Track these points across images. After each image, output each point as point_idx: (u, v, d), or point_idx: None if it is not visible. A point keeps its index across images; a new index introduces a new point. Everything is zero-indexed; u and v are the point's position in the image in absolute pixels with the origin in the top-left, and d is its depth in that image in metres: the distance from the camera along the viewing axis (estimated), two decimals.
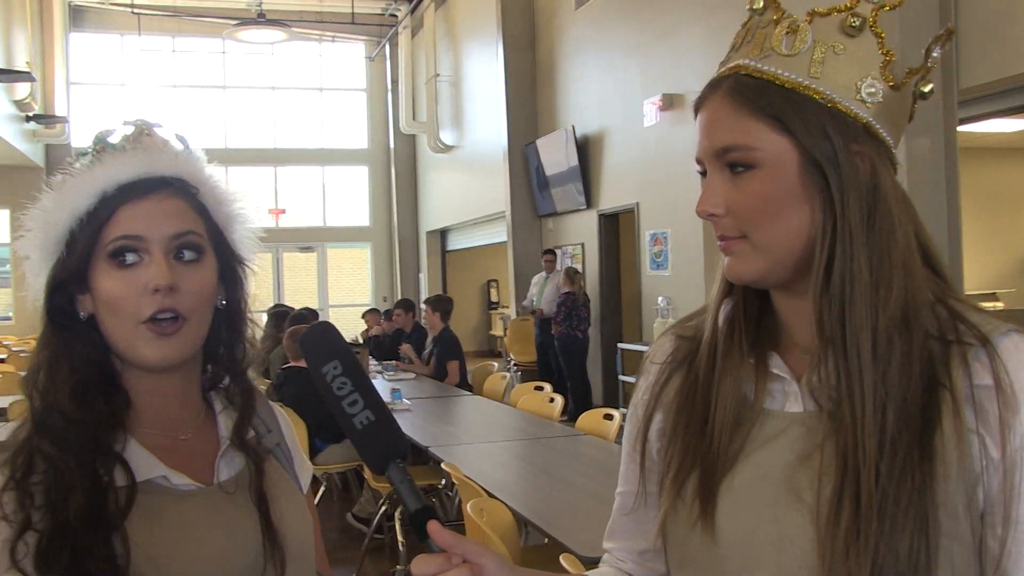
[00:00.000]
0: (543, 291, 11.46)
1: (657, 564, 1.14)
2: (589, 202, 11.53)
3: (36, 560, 1.06)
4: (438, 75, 17.09)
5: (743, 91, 0.97)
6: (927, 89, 1.01)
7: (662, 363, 1.14)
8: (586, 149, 11.53)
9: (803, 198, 0.96)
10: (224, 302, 1.27)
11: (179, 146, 1.30)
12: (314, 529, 1.38)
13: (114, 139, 1.25)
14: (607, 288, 11.43)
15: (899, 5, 0.98)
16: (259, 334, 1.36)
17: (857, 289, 0.93)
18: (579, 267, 11.53)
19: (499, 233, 14.56)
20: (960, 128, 5.91)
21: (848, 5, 0.97)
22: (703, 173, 1.02)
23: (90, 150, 1.23)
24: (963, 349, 0.93)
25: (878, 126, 0.96)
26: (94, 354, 1.18)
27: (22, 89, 14.38)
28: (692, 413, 1.06)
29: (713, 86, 1.01)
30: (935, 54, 1.00)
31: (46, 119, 15.40)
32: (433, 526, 0.90)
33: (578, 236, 12.07)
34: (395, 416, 3.91)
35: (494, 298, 20.05)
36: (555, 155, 12.06)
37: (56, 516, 1.08)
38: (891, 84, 0.96)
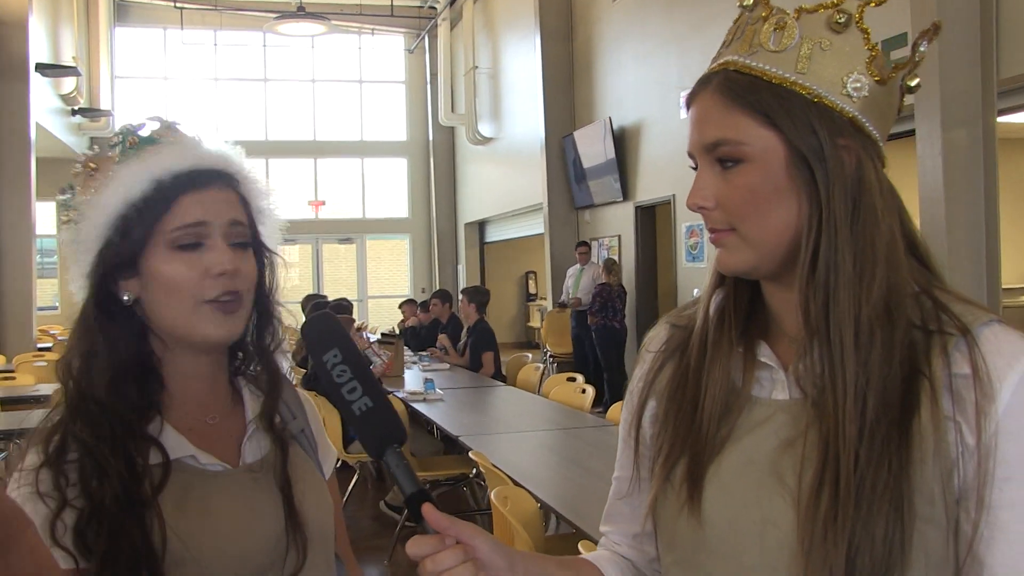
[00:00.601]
0: (579, 283, 11.47)
1: (649, 547, 1.17)
2: (626, 194, 11.51)
3: (75, 539, 1.11)
4: (476, 67, 17.13)
5: (732, 87, 1.00)
6: (914, 83, 1.02)
7: (656, 351, 1.17)
8: (623, 141, 11.51)
9: (790, 191, 0.98)
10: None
11: (216, 141, 1.34)
12: (336, 513, 1.43)
13: (144, 132, 1.30)
14: (643, 280, 11.41)
15: (884, 2, 0.99)
16: (290, 322, 1.40)
17: (841, 280, 0.95)
18: (615, 259, 11.53)
19: (537, 225, 14.58)
20: (999, 119, 5.82)
21: (834, 2, 0.99)
22: (694, 167, 1.04)
23: (120, 141, 1.29)
24: (944, 339, 0.95)
25: (864, 120, 0.98)
26: (134, 337, 1.24)
27: (68, 83, 14.64)
28: (683, 400, 1.09)
29: (703, 82, 1.03)
30: (922, 48, 1.01)
31: (91, 112, 15.69)
32: (427, 508, 0.93)
33: (615, 228, 12.05)
34: (427, 406, 4.01)
35: (532, 290, 20.07)
36: (592, 147, 12.05)
37: (91, 498, 1.13)
38: (877, 79, 0.98)
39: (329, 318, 1.04)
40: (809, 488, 0.94)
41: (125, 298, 1.23)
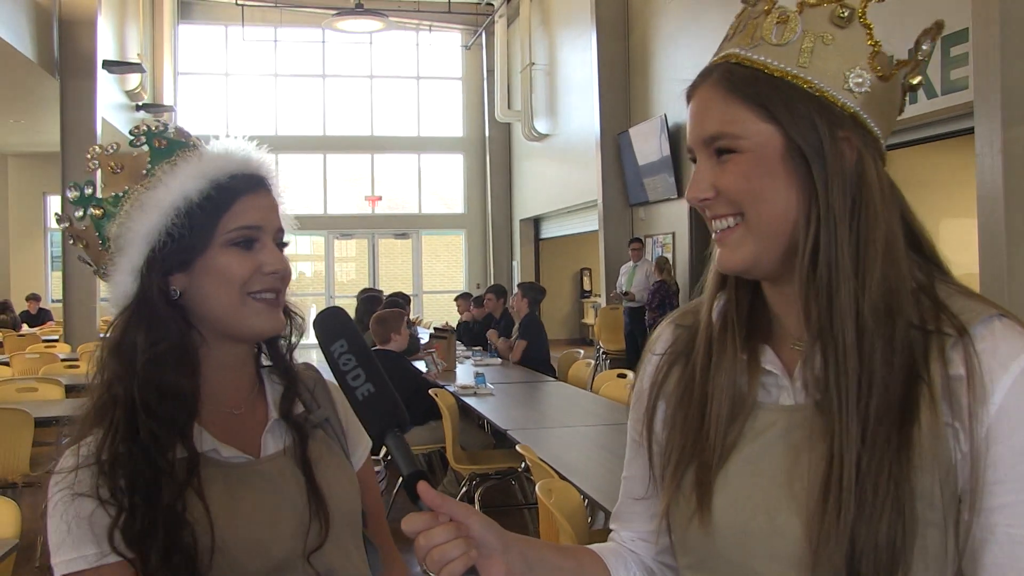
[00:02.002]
0: (632, 279, 11.45)
1: (664, 541, 1.17)
2: (680, 192, 11.44)
3: (133, 537, 1.17)
4: (533, 63, 17.14)
5: (732, 79, 0.99)
6: (915, 82, 1.01)
7: (662, 354, 1.17)
8: (678, 138, 11.44)
9: (784, 180, 0.97)
10: None
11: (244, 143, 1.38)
12: (372, 501, 1.48)
13: (169, 135, 1.34)
14: (696, 277, 11.19)
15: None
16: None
17: (841, 277, 0.95)
18: (669, 256, 11.48)
19: (592, 221, 14.56)
20: None
21: None
22: (694, 160, 1.04)
23: (144, 142, 1.32)
24: (942, 340, 0.94)
25: (866, 116, 0.97)
26: (181, 330, 1.29)
27: (133, 80, 14.98)
28: (690, 407, 1.09)
29: (704, 75, 1.04)
30: (924, 47, 1.00)
31: (154, 108, 16.05)
32: (422, 486, 0.96)
33: (669, 225, 12.00)
34: (478, 400, 4.05)
35: (586, 286, 20.03)
36: (648, 144, 12.00)
37: (137, 496, 1.18)
38: (879, 75, 0.97)
39: (338, 312, 1.10)
40: (815, 494, 0.95)
41: (174, 292, 1.29)
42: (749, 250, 1.00)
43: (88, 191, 1.33)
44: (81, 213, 1.33)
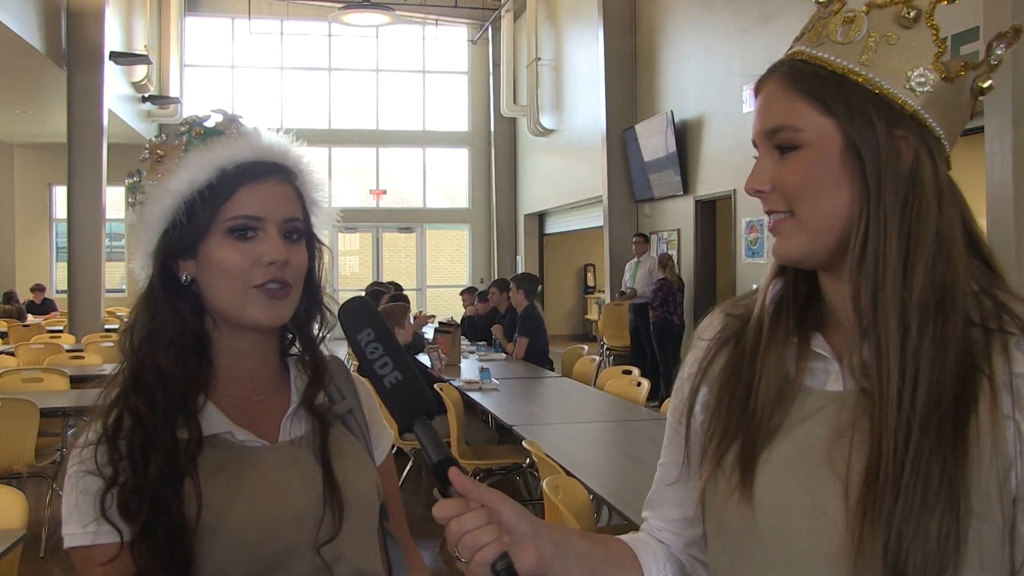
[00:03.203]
0: (635, 275, 11.44)
1: (692, 531, 1.18)
2: (686, 188, 11.44)
3: (119, 510, 1.20)
4: (539, 59, 17.12)
5: (795, 75, 1.02)
6: (986, 85, 1.02)
7: (710, 339, 1.18)
8: (684, 134, 11.43)
9: (843, 178, 0.99)
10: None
11: (276, 134, 1.40)
12: (391, 495, 1.48)
13: (209, 123, 1.37)
14: (701, 275, 11.33)
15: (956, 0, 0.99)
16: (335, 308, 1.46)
17: (888, 270, 0.96)
18: (674, 253, 11.47)
19: (596, 217, 14.55)
20: None
21: None
22: (757, 156, 1.06)
23: (186, 131, 1.36)
24: (1005, 338, 0.95)
25: (927, 116, 0.98)
26: (192, 314, 1.32)
27: (139, 71, 14.98)
28: (736, 387, 1.10)
29: (771, 71, 1.06)
30: (998, 51, 1.00)
31: (160, 100, 16.06)
32: (454, 472, 0.96)
33: (674, 222, 11.98)
34: (483, 395, 4.06)
35: (590, 282, 20.02)
36: (653, 140, 11.98)
37: (136, 470, 1.22)
38: (944, 76, 0.98)
39: (364, 301, 1.10)
40: (859, 478, 0.95)
41: (183, 278, 1.32)
42: (803, 241, 1.02)
43: (137, 179, 1.38)
44: (132, 200, 1.37)
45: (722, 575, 1.10)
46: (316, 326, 1.42)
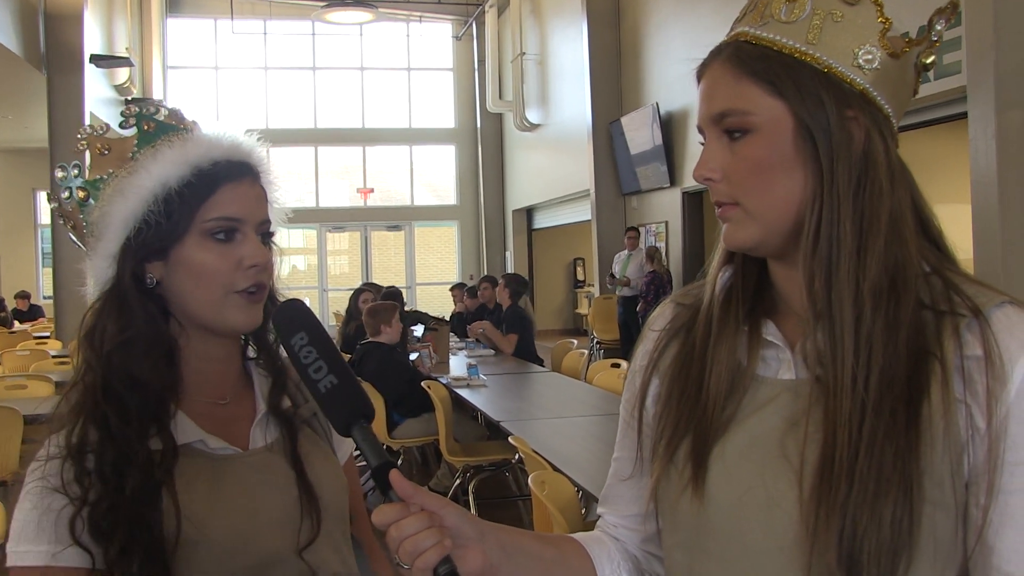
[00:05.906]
0: (626, 268, 11.44)
1: (647, 526, 1.15)
2: (673, 180, 11.43)
3: (91, 531, 1.14)
4: (524, 53, 17.08)
5: (741, 57, 0.99)
6: (929, 61, 1.00)
7: (661, 330, 1.15)
8: (670, 126, 11.42)
9: (796, 163, 0.97)
10: None
11: (239, 133, 1.35)
12: (356, 498, 1.45)
13: (160, 118, 1.31)
14: (690, 266, 11.33)
15: None
16: (337, 309, 1.42)
17: (843, 254, 0.94)
18: (662, 245, 11.47)
19: (584, 211, 14.54)
20: None
21: None
22: (703, 142, 1.03)
23: (135, 124, 1.30)
24: (955, 320, 0.93)
25: (876, 94, 0.97)
26: (158, 319, 1.25)
27: (121, 74, 14.89)
28: (687, 379, 1.07)
29: (714, 53, 1.03)
30: (938, 27, 0.99)
31: (143, 102, 15.86)
32: (395, 475, 0.93)
33: (662, 214, 11.98)
34: (471, 392, 4.04)
35: (580, 276, 20.01)
36: (640, 133, 11.97)
37: (108, 487, 1.15)
38: (889, 52, 0.96)
39: (297, 305, 1.06)
40: (813, 467, 0.93)
41: (149, 280, 1.25)
42: (754, 230, 1.00)
43: (74, 171, 1.30)
44: (68, 194, 1.29)
45: (678, 572, 1.07)
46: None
